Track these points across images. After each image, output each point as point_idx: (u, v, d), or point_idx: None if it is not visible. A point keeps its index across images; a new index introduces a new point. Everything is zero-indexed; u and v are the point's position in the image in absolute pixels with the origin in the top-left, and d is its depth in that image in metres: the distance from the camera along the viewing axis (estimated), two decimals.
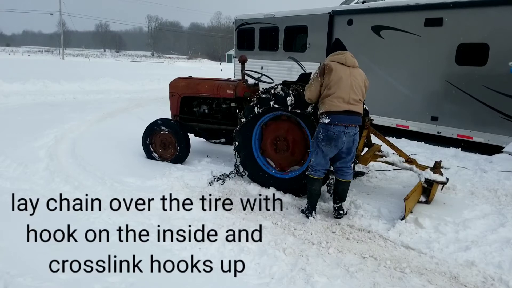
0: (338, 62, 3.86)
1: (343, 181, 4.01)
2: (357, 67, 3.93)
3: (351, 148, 3.87)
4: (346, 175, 4.00)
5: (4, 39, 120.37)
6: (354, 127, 3.80)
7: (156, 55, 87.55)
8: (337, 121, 3.72)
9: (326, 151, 3.87)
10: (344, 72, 3.80)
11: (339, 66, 3.83)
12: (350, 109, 3.74)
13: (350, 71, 3.83)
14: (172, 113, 6.06)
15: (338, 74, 3.77)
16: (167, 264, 3.08)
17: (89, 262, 3.06)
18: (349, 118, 3.74)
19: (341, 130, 3.73)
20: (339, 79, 3.75)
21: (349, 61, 3.88)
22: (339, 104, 3.72)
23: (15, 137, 6.78)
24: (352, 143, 3.84)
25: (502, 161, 5.89)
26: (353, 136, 3.82)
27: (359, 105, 3.83)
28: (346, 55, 3.92)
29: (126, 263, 3.09)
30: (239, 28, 11.54)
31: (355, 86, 3.79)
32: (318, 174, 4.00)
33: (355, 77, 3.82)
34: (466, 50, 6.95)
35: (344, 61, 3.86)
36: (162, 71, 27.36)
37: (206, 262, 3.14)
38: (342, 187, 4.03)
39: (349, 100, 3.75)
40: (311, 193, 4.06)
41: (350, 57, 3.92)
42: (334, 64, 3.83)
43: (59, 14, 49.27)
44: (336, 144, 3.78)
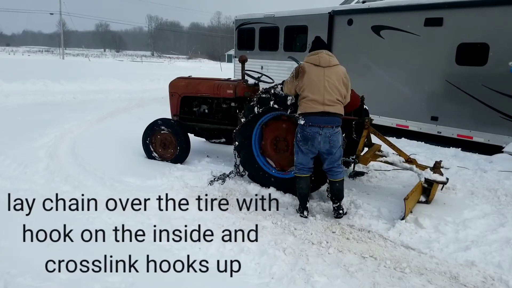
0: (312, 63, 3.86)
1: (334, 180, 4.00)
2: (333, 66, 3.86)
3: (330, 149, 3.85)
4: (337, 174, 3.99)
5: (4, 39, 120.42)
6: (331, 128, 3.79)
7: (156, 55, 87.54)
8: (311, 122, 3.78)
9: (305, 151, 3.93)
10: (317, 73, 3.80)
11: (313, 67, 3.83)
12: (325, 110, 3.76)
13: (324, 71, 3.81)
14: (172, 113, 6.06)
15: (311, 76, 3.80)
16: (167, 264, 3.08)
17: (89, 262, 3.07)
18: (323, 119, 3.76)
19: (315, 131, 3.77)
20: (311, 82, 3.79)
21: (323, 61, 3.84)
22: (314, 106, 3.76)
23: (15, 137, 6.78)
24: (329, 143, 3.81)
25: (502, 161, 5.89)
26: (330, 137, 3.80)
27: (336, 105, 3.81)
28: (320, 55, 3.88)
29: (125, 263, 3.09)
30: (239, 28, 11.55)
31: (330, 87, 3.77)
32: (303, 172, 4.04)
33: (329, 77, 3.79)
34: (466, 50, 6.95)
35: (318, 61, 3.84)
36: (162, 71, 27.34)
37: (205, 262, 3.15)
38: (336, 186, 4.02)
39: (324, 101, 3.76)
40: (299, 192, 4.13)
41: (325, 57, 3.87)
42: (308, 66, 3.86)
43: (59, 14, 49.32)
44: (313, 144, 3.82)
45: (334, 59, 3.91)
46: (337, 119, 3.84)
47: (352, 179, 5.25)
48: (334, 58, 3.92)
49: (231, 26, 37.48)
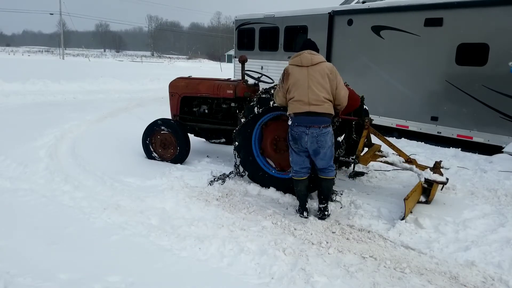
0: (295, 64, 3.87)
1: (325, 178, 4.00)
2: (316, 64, 3.81)
3: (317, 149, 3.81)
4: (328, 172, 3.99)
5: (4, 39, 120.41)
6: (317, 127, 3.76)
7: (156, 55, 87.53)
8: (298, 122, 3.81)
9: (296, 150, 3.95)
10: (300, 74, 3.80)
11: (296, 69, 3.84)
12: (311, 110, 3.75)
13: (307, 71, 3.79)
14: (172, 113, 6.06)
15: (295, 77, 3.82)
16: (167, 264, 3.09)
17: (89, 262, 3.07)
18: (309, 119, 3.76)
19: (302, 131, 3.78)
20: (296, 82, 3.80)
21: (305, 61, 3.82)
22: (300, 106, 3.78)
23: (15, 137, 6.78)
24: (316, 143, 3.78)
25: (502, 161, 5.89)
26: (317, 137, 3.76)
27: (323, 104, 3.76)
28: (302, 55, 3.87)
29: (125, 263, 3.09)
30: (239, 28, 11.55)
31: (314, 86, 3.75)
32: (300, 175, 4.04)
33: (313, 76, 3.77)
34: (466, 50, 6.95)
35: (299, 62, 3.84)
36: (162, 71, 27.35)
37: (206, 262, 3.15)
38: (326, 184, 4.01)
39: (309, 101, 3.75)
40: (298, 194, 4.14)
41: (306, 56, 3.84)
42: (291, 68, 3.88)
43: (59, 14, 49.29)
44: (300, 143, 3.83)
45: (317, 57, 3.87)
46: (324, 119, 3.79)
47: (352, 179, 5.25)
48: (317, 56, 3.88)
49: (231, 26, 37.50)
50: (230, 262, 3.14)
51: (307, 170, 4.06)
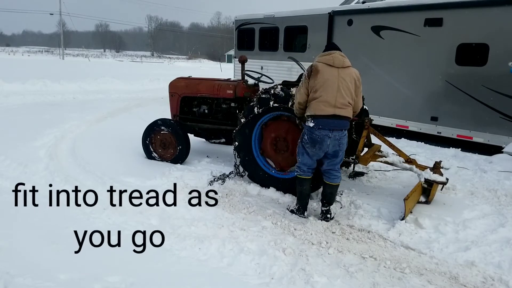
0: (325, 63, 3.70)
1: (331, 184, 3.92)
2: (347, 67, 3.72)
3: (337, 151, 3.77)
4: (334, 178, 3.91)
5: (4, 39, 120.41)
6: (340, 131, 3.70)
7: (156, 55, 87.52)
8: (322, 125, 3.65)
9: (311, 153, 3.83)
10: (331, 74, 3.64)
11: (327, 67, 3.67)
12: (336, 113, 3.62)
13: (338, 72, 3.66)
14: (172, 113, 6.06)
15: (325, 76, 3.63)
16: (167, 264, 3.09)
17: (89, 262, 3.07)
18: (334, 123, 3.64)
19: (325, 134, 3.65)
20: (325, 82, 3.62)
21: (337, 62, 3.69)
22: (325, 108, 3.61)
23: (15, 137, 6.78)
24: (338, 146, 3.74)
25: (502, 161, 5.90)
26: (339, 140, 3.71)
27: (347, 108, 3.68)
28: (334, 55, 3.73)
29: (125, 263, 3.09)
30: (239, 28, 11.55)
31: (343, 89, 3.64)
32: (306, 174, 3.98)
33: (343, 78, 3.65)
34: (466, 50, 6.95)
35: (331, 62, 3.68)
36: (162, 71, 27.36)
37: (206, 262, 3.15)
38: (330, 190, 3.94)
39: (336, 104, 3.62)
40: (302, 193, 4.05)
41: (338, 57, 3.72)
42: (321, 66, 3.69)
43: (59, 14, 49.28)
44: (321, 147, 3.72)
45: (347, 60, 3.76)
46: (347, 122, 3.73)
47: (352, 179, 5.25)
48: (347, 59, 3.77)
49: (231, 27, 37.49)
50: (230, 262, 3.14)
51: (313, 170, 4.03)
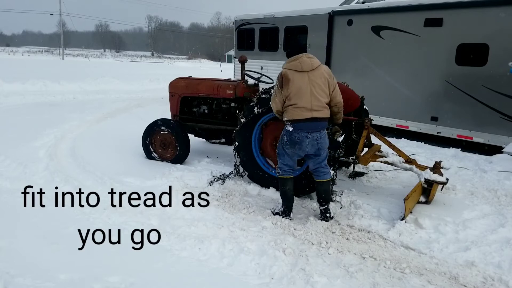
0: (294, 69, 3.73)
1: (321, 181, 3.95)
2: (316, 68, 3.74)
3: (318, 150, 3.82)
4: (323, 175, 3.94)
5: (4, 39, 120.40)
6: (319, 131, 3.77)
7: (156, 55, 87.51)
8: (300, 128, 3.72)
9: (291, 154, 3.89)
10: (302, 80, 3.69)
11: (296, 74, 3.71)
12: (314, 116, 3.70)
13: (308, 76, 3.70)
14: (172, 113, 6.06)
15: (296, 84, 3.68)
16: (167, 264, 3.09)
17: (89, 262, 3.07)
18: (312, 125, 3.72)
19: (304, 135, 3.73)
20: (298, 90, 3.68)
21: (306, 66, 3.72)
22: (302, 113, 3.69)
23: (15, 137, 6.78)
24: (317, 145, 3.79)
25: (502, 161, 5.90)
26: (317, 140, 3.77)
27: (324, 110, 3.76)
28: (301, 59, 3.75)
29: (125, 263, 3.09)
30: (239, 28, 11.55)
31: (317, 92, 3.70)
32: (288, 173, 4.00)
33: (314, 81, 3.70)
34: (466, 50, 6.95)
35: (300, 67, 3.71)
36: (162, 71, 27.36)
37: (206, 262, 3.15)
38: (323, 187, 3.96)
39: (312, 107, 3.68)
40: (286, 193, 4.01)
41: (306, 61, 3.74)
42: (290, 73, 3.72)
43: (59, 14, 49.25)
44: (300, 147, 3.79)
45: (315, 60, 3.80)
46: (324, 123, 3.82)
47: (352, 179, 5.25)
48: (315, 59, 3.81)
49: (231, 27, 37.50)
50: (230, 263, 3.14)
51: (294, 171, 4.07)
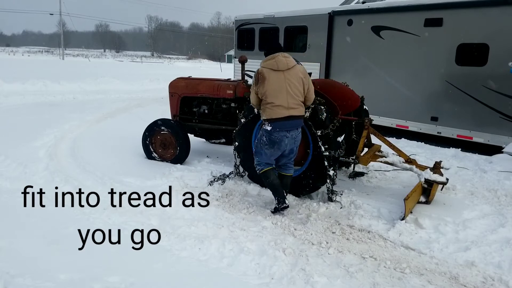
0: (270, 68, 3.83)
1: (286, 175, 4.18)
2: (292, 68, 3.84)
3: (293, 148, 4.03)
4: (289, 169, 4.18)
5: (4, 39, 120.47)
6: (296, 129, 3.93)
7: (156, 55, 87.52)
8: (279, 127, 3.83)
9: (269, 153, 4.02)
10: (277, 79, 3.78)
11: (272, 73, 3.80)
12: (291, 114, 3.81)
13: (284, 75, 3.80)
14: (172, 113, 6.06)
15: (272, 83, 3.77)
16: (167, 264, 3.09)
17: (89, 262, 3.07)
18: (290, 123, 3.84)
19: (283, 135, 3.85)
20: (274, 89, 3.77)
21: (281, 65, 3.82)
22: (279, 111, 3.79)
23: (15, 137, 6.78)
24: (294, 143, 3.99)
25: (502, 161, 5.90)
26: (295, 138, 3.95)
27: (299, 108, 3.88)
28: (277, 58, 3.84)
29: (125, 263, 3.09)
30: (239, 29, 11.55)
31: (292, 90, 3.81)
32: (267, 166, 4.12)
33: (290, 80, 3.80)
34: (466, 50, 6.95)
35: (276, 66, 3.81)
36: (162, 71, 27.36)
37: (206, 262, 3.15)
38: (285, 181, 4.18)
39: (289, 105, 3.80)
40: (273, 184, 4.08)
41: (281, 60, 3.84)
42: (266, 72, 3.82)
43: (59, 14, 49.23)
44: (279, 147, 3.93)
45: (290, 60, 3.90)
46: (301, 121, 3.97)
47: (352, 179, 5.25)
48: (290, 58, 3.91)
49: (231, 27, 37.49)
50: (230, 263, 3.14)
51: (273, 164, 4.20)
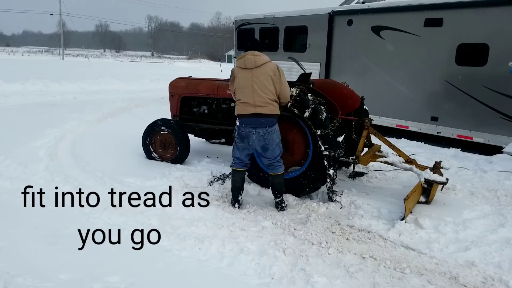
0: (240, 66, 3.95)
1: (274, 174, 4.15)
2: (260, 66, 3.87)
3: (265, 146, 4.00)
4: (277, 169, 4.14)
5: (4, 39, 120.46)
6: (264, 128, 3.92)
7: (156, 55, 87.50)
8: (245, 123, 3.95)
9: (241, 147, 4.12)
10: (245, 76, 3.89)
11: (241, 71, 3.93)
12: (257, 111, 3.87)
13: (252, 73, 3.87)
14: (172, 113, 6.06)
15: (240, 80, 3.92)
16: (167, 264, 3.09)
17: (89, 262, 3.07)
18: (256, 121, 3.90)
19: (249, 131, 3.95)
20: (241, 85, 3.91)
21: (249, 63, 3.88)
22: (246, 108, 3.90)
23: (15, 137, 6.78)
24: (263, 141, 3.97)
25: (502, 161, 5.90)
26: (263, 136, 3.94)
27: (268, 106, 3.90)
28: (246, 57, 3.92)
29: (125, 263, 3.09)
30: (239, 28, 11.55)
31: (259, 88, 3.85)
32: (237, 166, 4.20)
33: (257, 78, 3.85)
34: (466, 50, 6.95)
35: (244, 64, 3.91)
36: (162, 71, 27.36)
37: (206, 262, 3.15)
38: (276, 180, 4.16)
39: (255, 103, 3.86)
40: (233, 184, 4.24)
41: (250, 58, 3.89)
42: (237, 70, 3.98)
43: (59, 14, 49.24)
44: (248, 142, 4.00)
45: (260, 58, 3.91)
46: (268, 119, 3.94)
47: (352, 179, 5.25)
48: (260, 57, 3.92)
49: (231, 27, 37.50)
50: (230, 263, 3.14)
51: (245, 165, 4.25)
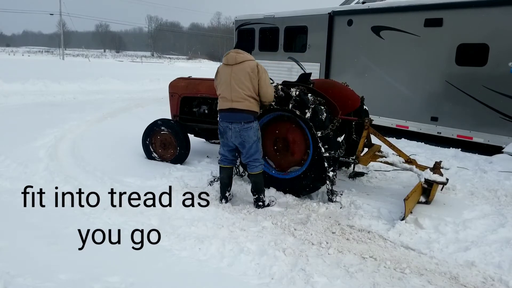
0: (223, 63, 4.11)
1: (252, 173, 4.23)
2: (240, 63, 3.97)
3: (242, 142, 4.08)
4: (253, 168, 4.20)
5: (4, 39, 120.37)
6: (239, 123, 3.98)
7: (156, 55, 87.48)
8: (222, 118, 4.10)
9: (222, 143, 4.25)
10: (225, 72, 4.03)
11: (223, 67, 4.09)
12: (233, 106, 3.98)
13: (231, 69, 3.99)
14: (172, 113, 6.06)
15: (220, 75, 4.09)
16: (167, 264, 3.09)
17: (89, 262, 3.07)
18: (231, 116, 4.00)
19: (226, 126, 4.06)
20: (221, 81, 4.07)
21: (230, 60, 4.02)
22: (224, 103, 4.05)
23: (15, 137, 6.78)
24: (240, 137, 4.05)
25: (502, 162, 5.90)
26: (239, 132, 4.02)
27: (244, 102, 3.98)
28: (229, 54, 4.06)
29: (125, 263, 3.09)
30: (239, 29, 11.55)
31: (236, 84, 3.95)
32: (223, 162, 4.32)
33: (235, 74, 3.96)
34: (466, 50, 6.95)
35: (226, 61, 4.05)
36: (162, 71, 27.37)
37: (206, 262, 3.15)
38: (253, 179, 4.23)
39: (232, 98, 3.98)
40: (220, 181, 4.40)
41: (232, 55, 4.03)
42: (221, 67, 4.14)
43: (59, 14, 49.22)
44: (226, 137, 4.12)
45: (241, 55, 4.02)
46: (244, 115, 4.00)
47: (352, 180, 5.25)
48: (242, 55, 4.03)
49: (231, 27, 37.51)
50: (230, 263, 3.14)
51: (231, 162, 4.35)
